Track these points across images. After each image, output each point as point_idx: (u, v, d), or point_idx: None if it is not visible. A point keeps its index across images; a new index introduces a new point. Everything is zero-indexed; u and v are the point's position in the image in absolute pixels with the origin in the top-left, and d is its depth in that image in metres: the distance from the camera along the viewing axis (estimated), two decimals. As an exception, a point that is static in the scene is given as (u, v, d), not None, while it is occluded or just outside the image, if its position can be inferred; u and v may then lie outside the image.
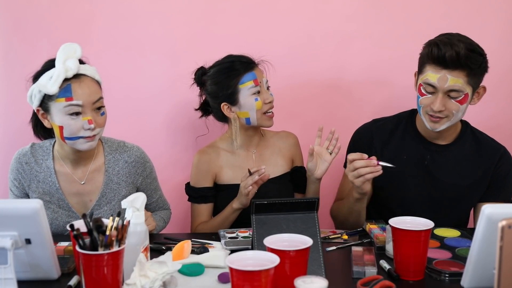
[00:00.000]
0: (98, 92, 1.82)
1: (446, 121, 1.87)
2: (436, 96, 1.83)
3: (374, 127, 2.08)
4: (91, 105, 1.79)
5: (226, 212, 2.00)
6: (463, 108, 1.85)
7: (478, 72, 1.83)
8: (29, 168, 1.90)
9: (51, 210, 1.87)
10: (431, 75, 1.83)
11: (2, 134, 2.41)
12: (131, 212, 1.48)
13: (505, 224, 1.13)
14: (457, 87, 1.80)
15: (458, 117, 1.88)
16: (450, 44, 1.80)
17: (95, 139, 1.82)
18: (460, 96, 1.82)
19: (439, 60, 1.80)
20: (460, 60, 1.78)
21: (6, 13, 2.34)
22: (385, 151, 2.02)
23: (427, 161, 1.98)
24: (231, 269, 1.23)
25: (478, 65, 1.81)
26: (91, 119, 1.78)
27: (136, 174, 1.96)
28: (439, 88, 1.82)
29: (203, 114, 2.20)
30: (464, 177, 1.97)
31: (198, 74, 2.11)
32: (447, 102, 1.84)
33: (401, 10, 2.42)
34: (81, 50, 1.80)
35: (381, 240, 1.72)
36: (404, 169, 1.98)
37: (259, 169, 1.89)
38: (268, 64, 2.12)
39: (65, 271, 1.53)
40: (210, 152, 2.11)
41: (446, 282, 1.51)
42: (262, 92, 2.03)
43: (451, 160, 1.97)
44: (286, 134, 2.21)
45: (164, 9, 2.37)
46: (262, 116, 2.04)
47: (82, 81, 1.78)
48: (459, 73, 1.80)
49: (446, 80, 1.80)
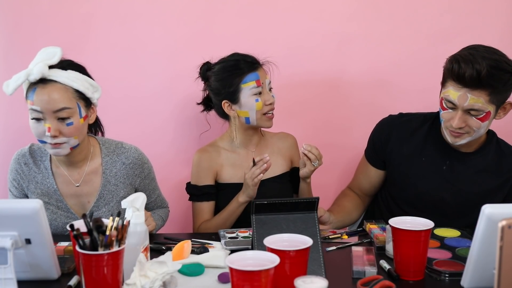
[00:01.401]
0: (62, 101, 1.74)
1: (467, 136, 1.84)
2: (456, 113, 1.79)
3: (398, 122, 2.05)
4: (51, 114, 1.74)
5: (232, 207, 2.00)
6: (484, 125, 1.81)
7: (503, 90, 1.77)
8: (27, 169, 1.90)
9: (50, 211, 1.87)
10: (452, 92, 1.78)
11: (2, 134, 2.41)
12: (131, 212, 1.48)
13: (505, 224, 1.13)
14: (477, 106, 1.76)
15: (480, 132, 1.84)
16: (471, 61, 1.73)
17: (61, 147, 1.78)
18: (480, 114, 1.78)
19: (459, 78, 1.75)
20: (481, 80, 1.71)
21: (6, 13, 2.34)
22: (404, 148, 2.00)
23: (445, 166, 1.95)
24: (231, 269, 1.23)
25: (503, 83, 1.75)
26: (50, 127, 1.74)
27: (134, 175, 1.96)
28: (459, 106, 1.78)
29: (204, 108, 2.20)
30: (480, 186, 1.93)
31: (204, 68, 2.12)
32: (467, 119, 1.80)
33: (401, 10, 2.41)
34: (61, 54, 1.76)
35: (381, 240, 1.72)
36: (421, 171, 1.97)
37: (263, 157, 1.90)
38: (271, 65, 2.12)
39: (65, 271, 1.53)
40: (210, 151, 2.12)
41: (446, 282, 1.51)
42: (263, 93, 2.04)
43: (470, 169, 1.94)
44: (285, 135, 2.22)
45: (164, 8, 2.37)
46: (261, 116, 2.04)
47: (46, 87, 1.74)
48: (481, 93, 1.74)
49: (466, 99, 1.75)
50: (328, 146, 2.47)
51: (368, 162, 2.11)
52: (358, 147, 2.27)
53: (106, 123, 2.03)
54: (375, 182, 2.11)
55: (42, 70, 1.72)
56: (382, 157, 2.06)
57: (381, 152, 2.06)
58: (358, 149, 2.26)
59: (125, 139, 2.01)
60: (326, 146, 2.48)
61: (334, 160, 2.42)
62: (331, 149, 2.47)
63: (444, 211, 1.96)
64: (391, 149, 2.02)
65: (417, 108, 2.14)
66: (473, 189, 1.94)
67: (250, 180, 1.91)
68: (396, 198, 2.05)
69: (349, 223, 2.13)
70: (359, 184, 2.18)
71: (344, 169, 2.47)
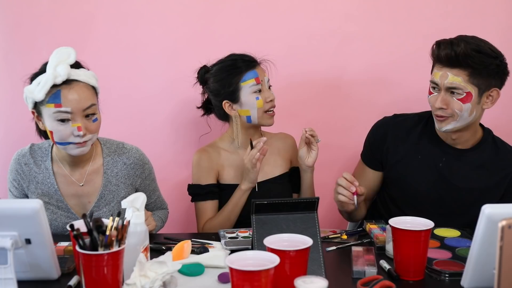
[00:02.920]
0: (89, 98, 1.78)
1: (451, 120, 1.87)
2: (439, 93, 1.87)
3: (392, 122, 2.08)
4: (81, 112, 1.76)
5: (235, 197, 2.00)
6: (467, 107, 1.83)
7: (484, 73, 1.81)
8: (28, 169, 1.90)
9: (50, 211, 1.87)
10: (435, 72, 1.87)
11: (2, 134, 2.41)
12: (131, 212, 1.48)
13: (505, 224, 1.13)
14: (456, 84, 1.82)
15: (464, 117, 1.86)
16: (451, 43, 1.83)
17: (86, 145, 1.80)
18: (461, 94, 1.83)
19: (439, 58, 1.85)
20: (458, 58, 1.80)
21: (6, 13, 2.34)
22: (400, 148, 2.02)
23: (442, 163, 1.96)
24: (231, 269, 1.23)
25: (484, 66, 1.80)
26: (80, 126, 1.75)
27: (135, 176, 1.96)
28: (440, 84, 1.85)
29: (205, 112, 2.20)
30: (477, 183, 1.94)
31: (201, 72, 2.12)
32: (449, 101, 1.85)
33: (401, 10, 2.42)
34: (75, 54, 1.77)
35: (381, 240, 1.72)
36: (418, 169, 1.98)
37: (260, 140, 1.92)
38: (269, 64, 2.12)
39: (65, 271, 1.53)
40: (210, 151, 2.12)
41: (446, 282, 1.51)
42: (263, 91, 2.04)
43: (467, 166, 1.95)
44: (284, 136, 2.22)
45: (164, 8, 2.37)
46: (263, 114, 2.05)
47: (73, 87, 1.75)
48: (459, 71, 1.82)
49: (446, 77, 1.83)
50: (327, 146, 2.48)
51: (365, 164, 2.12)
52: (357, 147, 2.27)
53: (106, 123, 2.03)
54: (373, 185, 2.11)
55: (68, 70, 1.74)
56: (379, 158, 2.07)
57: (377, 152, 2.07)
58: (357, 149, 2.25)
59: (125, 139, 2.02)
60: (326, 145, 2.48)
61: (333, 159, 2.42)
62: (330, 149, 2.47)
63: (442, 209, 1.96)
64: (387, 149, 2.03)
65: (416, 107, 2.14)
66: (469, 186, 1.94)
67: (249, 164, 1.92)
68: (394, 198, 2.05)
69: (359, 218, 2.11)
70: None
71: (343, 168, 2.46)
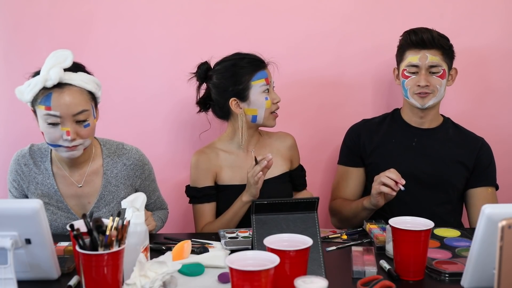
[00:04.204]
0: (81, 104, 1.75)
1: (432, 96, 2.09)
2: (420, 74, 2.07)
3: (362, 123, 2.27)
4: (71, 117, 1.74)
5: (236, 207, 1.99)
6: (443, 83, 2.09)
7: (450, 54, 2.10)
8: (27, 170, 1.90)
9: (50, 211, 1.87)
10: (412, 57, 2.08)
11: (2, 135, 2.41)
12: (131, 212, 1.48)
13: (505, 224, 1.13)
14: (436, 62, 2.06)
15: (441, 92, 2.09)
16: (424, 30, 2.08)
17: (77, 149, 1.78)
18: (439, 71, 2.07)
19: (418, 42, 2.07)
20: (434, 40, 2.06)
21: (6, 13, 2.34)
22: (374, 137, 2.19)
23: (414, 143, 2.15)
24: (231, 269, 1.23)
25: (449, 47, 2.10)
26: (69, 131, 1.73)
27: (135, 176, 1.96)
28: (421, 65, 2.06)
29: (201, 109, 2.18)
30: (450, 154, 2.13)
31: (203, 68, 2.11)
32: (430, 78, 2.07)
33: (401, 10, 2.42)
34: (72, 58, 1.75)
35: (381, 240, 1.72)
36: (394, 150, 2.14)
37: (265, 157, 1.90)
38: (273, 66, 2.13)
39: (65, 271, 1.53)
40: (208, 152, 2.11)
41: (446, 282, 1.51)
42: (271, 92, 2.06)
43: (437, 141, 2.15)
44: (283, 135, 2.22)
45: (164, 9, 2.37)
46: (269, 115, 2.05)
47: (64, 91, 1.73)
48: (436, 52, 2.07)
49: (426, 57, 2.06)
50: (327, 146, 2.48)
51: (346, 166, 2.23)
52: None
53: (106, 124, 2.03)
54: (359, 183, 2.21)
55: (60, 74, 1.71)
56: (358, 153, 2.20)
57: (356, 149, 2.21)
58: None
59: (124, 140, 2.01)
60: (325, 145, 2.49)
61: (333, 159, 2.41)
62: (330, 148, 2.47)
63: (425, 182, 2.10)
64: (363, 143, 2.19)
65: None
66: (443, 157, 2.12)
67: (251, 179, 1.91)
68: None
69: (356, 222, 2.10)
70: (344, 192, 2.21)
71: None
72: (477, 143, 2.17)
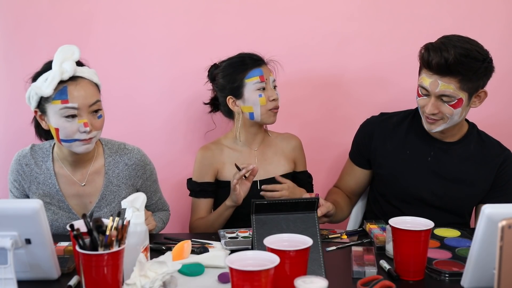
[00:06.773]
0: (95, 94, 1.80)
1: (442, 123, 1.88)
2: (429, 99, 1.85)
3: (378, 120, 2.11)
4: (87, 108, 1.77)
5: (220, 209, 2.02)
6: (457, 112, 1.84)
7: (474, 78, 1.80)
8: (29, 170, 1.90)
9: (51, 211, 1.87)
10: (425, 78, 1.84)
11: (2, 135, 2.41)
12: (131, 212, 1.48)
13: (505, 224, 1.13)
14: (448, 92, 1.80)
15: (454, 119, 1.87)
16: (441, 50, 1.79)
17: (91, 142, 1.80)
18: (452, 100, 1.82)
19: (429, 65, 1.81)
20: (449, 67, 1.77)
21: (6, 13, 2.34)
22: (388, 143, 2.04)
23: (430, 157, 1.98)
24: (231, 269, 1.23)
25: (473, 71, 1.79)
26: (86, 122, 1.76)
27: (136, 176, 1.96)
28: (431, 92, 1.83)
29: (212, 109, 2.24)
30: (466, 175, 1.97)
31: (211, 69, 2.16)
32: (440, 106, 1.84)
33: (402, 10, 2.42)
34: (79, 52, 1.78)
35: (381, 240, 1.72)
36: (406, 164, 2.00)
37: (246, 166, 1.90)
38: (277, 65, 2.14)
39: (65, 271, 1.53)
40: (213, 148, 2.13)
41: (446, 282, 1.51)
42: (267, 89, 2.06)
43: (455, 158, 1.97)
44: (289, 136, 2.23)
45: (164, 9, 2.37)
46: (266, 112, 2.06)
47: (79, 83, 1.77)
48: (450, 79, 1.79)
49: (437, 85, 1.81)
50: (328, 144, 2.48)
51: (353, 163, 2.16)
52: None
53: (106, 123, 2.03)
54: (361, 182, 2.17)
55: (73, 67, 1.76)
56: (367, 156, 2.10)
57: (365, 151, 2.10)
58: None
59: (126, 140, 2.01)
60: (326, 144, 2.49)
61: (334, 157, 2.42)
62: (330, 147, 2.47)
63: (433, 204, 1.98)
64: (374, 147, 2.06)
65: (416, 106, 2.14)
66: (458, 178, 1.96)
67: (232, 184, 1.93)
68: (386, 195, 2.07)
69: (341, 219, 2.15)
70: (345, 184, 2.21)
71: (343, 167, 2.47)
72: (499, 158, 1.97)
